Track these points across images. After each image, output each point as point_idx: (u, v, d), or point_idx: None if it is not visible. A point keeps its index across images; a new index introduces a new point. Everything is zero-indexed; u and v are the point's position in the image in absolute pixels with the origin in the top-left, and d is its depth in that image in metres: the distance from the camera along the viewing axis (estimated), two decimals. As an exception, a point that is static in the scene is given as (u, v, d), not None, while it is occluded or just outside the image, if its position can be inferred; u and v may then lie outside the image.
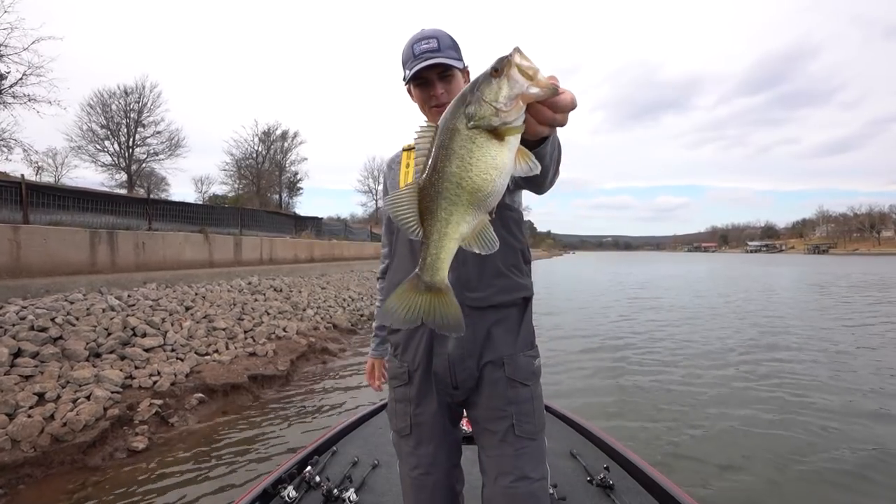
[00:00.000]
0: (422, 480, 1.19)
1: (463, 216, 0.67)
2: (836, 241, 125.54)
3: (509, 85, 0.62)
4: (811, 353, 7.27)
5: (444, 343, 1.14)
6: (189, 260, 8.55)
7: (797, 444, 3.91)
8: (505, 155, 0.64)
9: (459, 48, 1.19)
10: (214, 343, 6.26)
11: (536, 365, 1.18)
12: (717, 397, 5.15)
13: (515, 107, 0.62)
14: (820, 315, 11.31)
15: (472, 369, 1.13)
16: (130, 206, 8.17)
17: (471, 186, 0.64)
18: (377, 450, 2.25)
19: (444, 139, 0.65)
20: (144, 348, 5.36)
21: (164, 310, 6.46)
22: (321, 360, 7.12)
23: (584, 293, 17.87)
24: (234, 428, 4.53)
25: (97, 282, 6.49)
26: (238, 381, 5.46)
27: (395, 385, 1.24)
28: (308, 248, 14.30)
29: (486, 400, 1.14)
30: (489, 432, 1.15)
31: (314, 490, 1.86)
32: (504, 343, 1.14)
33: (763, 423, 4.37)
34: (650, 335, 8.85)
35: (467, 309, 1.04)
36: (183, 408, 4.78)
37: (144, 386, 4.74)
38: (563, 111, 0.65)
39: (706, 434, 4.14)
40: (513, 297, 1.15)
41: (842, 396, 5.11)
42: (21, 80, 18.96)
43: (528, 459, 1.11)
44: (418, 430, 1.20)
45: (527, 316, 1.20)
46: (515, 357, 1.14)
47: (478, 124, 0.63)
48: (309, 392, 5.65)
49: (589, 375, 6.11)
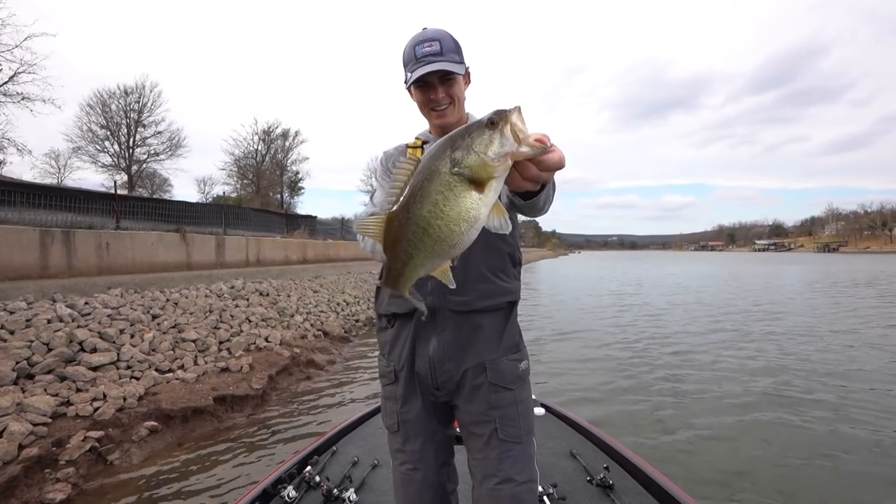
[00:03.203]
0: (410, 476, 1.21)
1: (423, 262, 0.67)
2: (846, 240, 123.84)
3: (501, 141, 0.61)
4: (816, 354, 7.10)
5: (425, 345, 1.16)
6: (163, 262, 7.78)
7: (798, 444, 3.89)
8: (480, 209, 0.62)
9: (461, 49, 1.17)
10: (181, 357, 5.49)
11: (521, 368, 1.17)
12: (717, 397, 5.13)
13: (503, 163, 0.61)
14: (840, 315, 10.80)
15: (451, 372, 1.14)
16: (94, 203, 7.38)
17: (437, 234, 0.63)
18: (377, 450, 2.24)
19: (423, 179, 0.63)
20: (91, 366, 4.58)
21: (125, 319, 5.69)
22: (305, 374, 6.34)
23: (584, 294, 17.23)
24: (191, 464, 3.77)
25: (50, 287, 5.73)
26: (201, 404, 4.67)
27: (384, 383, 1.26)
28: (300, 248, 13.52)
29: (469, 404, 1.15)
30: (474, 435, 1.16)
31: (314, 490, 1.85)
32: (486, 348, 1.14)
33: (764, 424, 4.35)
34: (651, 335, 8.77)
35: (449, 312, 1.13)
36: (129, 440, 4.00)
37: (83, 414, 3.97)
38: (550, 170, 0.67)
39: (706, 434, 4.12)
40: (497, 302, 1.15)
41: (843, 397, 5.04)
42: (13, 78, 18.46)
43: (513, 462, 1.11)
44: (405, 427, 1.22)
45: (511, 319, 1.18)
46: (497, 361, 1.14)
47: (461, 171, 0.61)
48: (286, 416, 4.87)
49: (589, 376, 6.04)
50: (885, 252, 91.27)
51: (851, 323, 9.86)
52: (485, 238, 1.04)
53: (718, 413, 4.63)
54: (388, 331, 1.23)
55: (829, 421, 4.36)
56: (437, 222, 0.61)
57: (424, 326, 1.15)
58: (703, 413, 4.64)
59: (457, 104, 1.17)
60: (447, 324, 1.13)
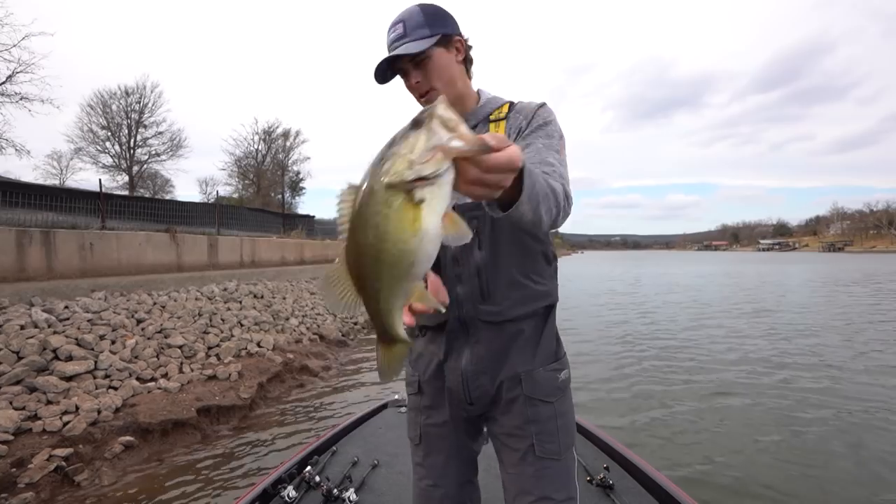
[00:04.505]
0: (429, 493, 1.15)
1: (391, 291, 0.61)
2: (851, 239, 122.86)
3: (427, 136, 0.54)
4: (821, 356, 6.89)
5: (458, 358, 1.08)
6: (151, 263, 7.46)
7: (799, 444, 3.85)
8: (424, 219, 0.54)
9: (439, 19, 1.01)
10: (165, 365, 5.18)
11: (562, 379, 1.08)
12: (718, 397, 5.08)
13: (433, 159, 0.53)
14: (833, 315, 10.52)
15: (486, 386, 1.07)
16: (78, 202, 7.07)
17: (389, 260, 0.57)
18: (377, 450, 2.23)
19: (361, 203, 0.57)
20: (64, 376, 4.27)
21: (107, 324, 5.38)
22: (298, 381, 6.01)
23: (584, 294, 16.89)
24: (168, 483, 3.46)
25: (27, 291, 5.42)
26: (183, 416, 4.35)
27: (409, 392, 1.22)
28: (297, 248, 13.20)
29: (504, 418, 1.07)
30: (508, 449, 1.08)
31: (314, 490, 1.85)
32: (522, 359, 1.05)
33: (765, 424, 4.30)
34: (651, 335, 8.74)
35: (481, 324, 1.04)
36: (101, 457, 3.69)
37: (50, 429, 3.66)
38: (495, 171, 0.56)
39: (707, 434, 4.09)
40: (532, 308, 1.05)
41: (846, 398, 4.96)
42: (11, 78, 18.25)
43: (551, 481, 1.02)
44: (427, 440, 1.16)
45: (549, 325, 1.09)
46: (534, 373, 1.05)
47: (392, 181, 0.54)
48: (274, 427, 4.55)
49: (589, 376, 5.99)
50: (891, 251, 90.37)
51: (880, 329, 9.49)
52: (513, 237, 0.99)
53: (719, 413, 4.60)
54: (417, 339, 1.17)
55: (832, 421, 4.30)
56: (385, 246, 0.55)
57: (458, 339, 1.07)
58: (703, 413, 4.61)
59: (445, 83, 1.02)
60: (480, 335, 1.05)
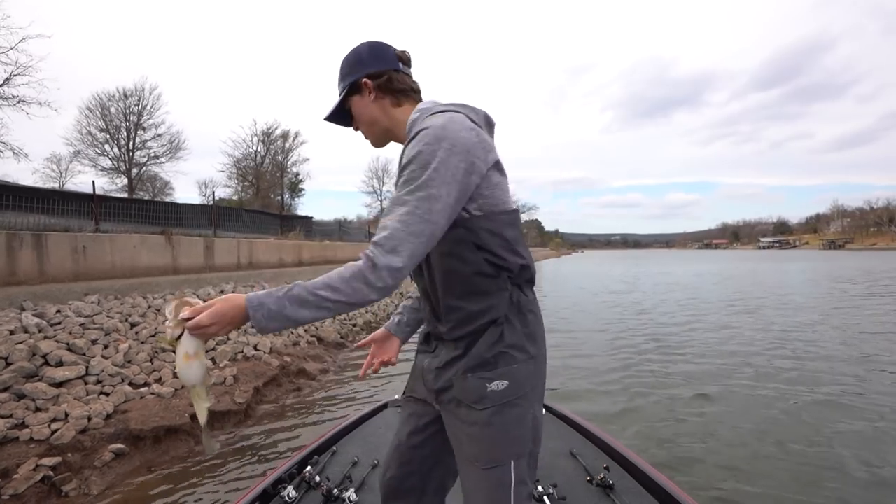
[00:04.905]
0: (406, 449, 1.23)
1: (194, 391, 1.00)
2: (852, 236, 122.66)
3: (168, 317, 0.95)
4: (823, 354, 6.85)
5: (421, 363, 1.20)
6: (146, 266, 7.35)
7: (801, 444, 3.82)
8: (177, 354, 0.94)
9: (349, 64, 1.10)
10: (159, 370, 5.08)
11: (490, 389, 1.03)
12: (718, 397, 5.04)
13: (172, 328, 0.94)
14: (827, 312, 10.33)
15: (430, 383, 1.15)
16: (70, 205, 6.95)
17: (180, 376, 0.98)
18: (377, 450, 2.23)
19: None
20: (54, 382, 4.17)
21: (100, 328, 5.28)
22: (295, 385, 5.92)
23: (584, 294, 16.77)
24: (159, 492, 3.36)
25: (18, 295, 5.32)
26: (176, 422, 4.25)
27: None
28: (295, 249, 13.09)
29: (447, 419, 1.13)
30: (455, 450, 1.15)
31: (314, 490, 1.85)
32: (457, 365, 1.09)
33: (767, 423, 4.27)
34: (651, 334, 8.70)
35: (440, 340, 1.14)
36: (90, 466, 3.59)
37: (38, 437, 3.56)
38: (202, 328, 0.90)
39: (708, 434, 4.07)
40: (473, 328, 1.06)
41: (853, 396, 4.94)
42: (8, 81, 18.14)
43: (477, 489, 1.05)
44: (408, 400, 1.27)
45: (486, 338, 1.06)
46: (460, 378, 1.06)
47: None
48: (270, 432, 4.45)
49: (589, 376, 5.97)
50: (892, 249, 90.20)
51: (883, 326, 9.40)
52: (440, 263, 1.05)
53: (719, 412, 4.57)
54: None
55: (837, 422, 4.24)
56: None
57: (429, 351, 1.18)
58: (703, 412, 4.58)
59: (367, 125, 1.12)
60: (439, 351, 1.14)
